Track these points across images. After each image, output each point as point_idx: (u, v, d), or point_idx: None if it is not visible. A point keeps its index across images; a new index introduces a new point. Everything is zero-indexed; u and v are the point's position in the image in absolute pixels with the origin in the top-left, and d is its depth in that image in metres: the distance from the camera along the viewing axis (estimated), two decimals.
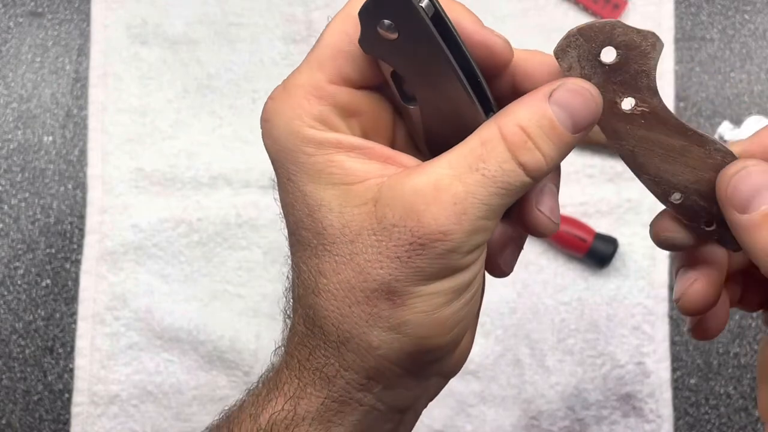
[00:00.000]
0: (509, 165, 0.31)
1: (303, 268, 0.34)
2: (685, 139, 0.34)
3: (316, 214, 0.33)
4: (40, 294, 0.70)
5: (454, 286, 0.32)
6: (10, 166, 0.72)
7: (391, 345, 0.32)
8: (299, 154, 0.33)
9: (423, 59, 0.31)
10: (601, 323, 0.69)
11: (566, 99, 0.31)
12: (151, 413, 0.69)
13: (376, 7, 0.31)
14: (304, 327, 0.34)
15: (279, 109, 0.33)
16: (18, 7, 0.74)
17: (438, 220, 0.31)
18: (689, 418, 0.69)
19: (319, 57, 0.33)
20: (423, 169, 0.32)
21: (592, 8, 0.72)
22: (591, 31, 0.32)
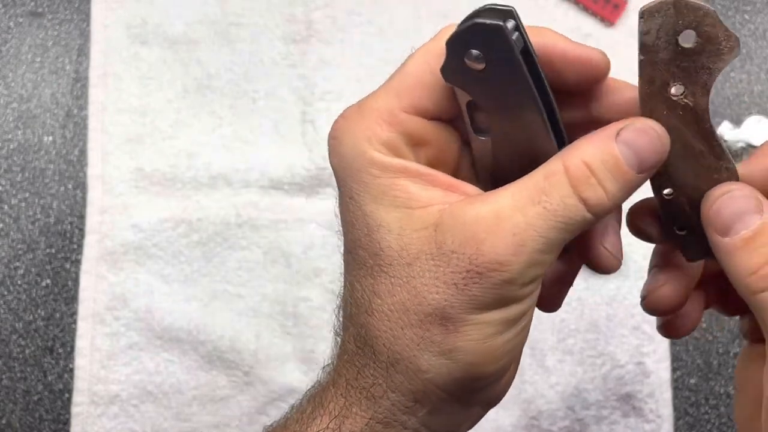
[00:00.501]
0: (571, 200, 0.31)
1: (357, 286, 0.34)
2: (707, 147, 0.34)
3: (374, 235, 0.33)
4: (40, 294, 0.70)
5: (507, 316, 0.33)
6: (10, 166, 0.72)
7: (439, 370, 0.33)
8: (364, 174, 0.33)
9: (506, 90, 0.32)
10: (601, 323, 0.69)
11: (633, 138, 0.32)
12: (151, 413, 0.69)
13: (467, 37, 0.31)
14: (355, 346, 0.34)
15: (350, 128, 0.34)
16: (18, 7, 0.74)
17: (496, 249, 0.31)
18: (689, 418, 0.69)
19: (398, 85, 0.33)
20: (485, 198, 0.32)
21: (592, 8, 0.72)
22: (685, 8, 0.31)
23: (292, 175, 0.71)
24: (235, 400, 0.69)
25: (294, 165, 0.71)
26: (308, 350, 0.69)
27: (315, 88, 0.72)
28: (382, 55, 0.72)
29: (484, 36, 0.31)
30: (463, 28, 0.31)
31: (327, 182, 0.70)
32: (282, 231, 0.70)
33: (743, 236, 0.32)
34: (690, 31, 0.32)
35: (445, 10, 0.72)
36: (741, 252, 0.32)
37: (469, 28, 0.31)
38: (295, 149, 0.71)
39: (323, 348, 0.69)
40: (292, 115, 0.72)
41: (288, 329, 0.69)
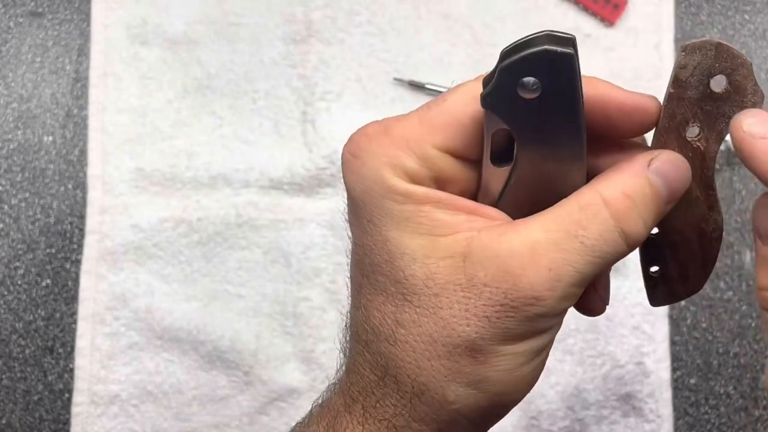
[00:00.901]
0: (611, 234, 0.31)
1: (375, 314, 0.33)
2: (703, 195, 0.34)
3: (397, 262, 0.32)
4: (40, 294, 0.70)
5: (537, 346, 0.33)
6: (10, 166, 0.72)
7: (466, 400, 0.32)
8: (387, 200, 0.32)
9: (552, 121, 0.31)
10: (601, 323, 0.69)
11: (666, 169, 0.32)
12: (151, 413, 0.69)
13: (529, 63, 0.30)
14: (372, 374, 0.34)
15: (374, 150, 0.33)
16: (18, 7, 0.74)
17: (533, 285, 0.31)
18: (689, 418, 0.69)
19: (434, 119, 0.33)
20: (517, 229, 0.31)
21: (592, 8, 0.72)
22: (725, 53, 0.32)
23: (292, 175, 0.71)
24: (235, 400, 0.69)
25: (294, 165, 0.71)
26: (308, 350, 0.69)
27: (315, 88, 0.72)
28: (382, 55, 0.72)
29: (550, 64, 0.30)
30: (529, 53, 0.30)
31: (327, 182, 0.70)
32: (282, 231, 0.70)
33: None
34: (722, 76, 0.32)
35: (445, 10, 0.72)
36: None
37: (537, 54, 0.30)
38: (295, 149, 0.71)
39: (323, 348, 0.69)
40: (292, 115, 0.72)
41: (288, 329, 0.69)
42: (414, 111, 0.34)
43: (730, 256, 0.70)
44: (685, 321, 0.69)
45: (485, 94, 0.31)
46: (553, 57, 0.29)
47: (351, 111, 0.71)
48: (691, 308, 0.69)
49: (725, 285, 0.70)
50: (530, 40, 0.30)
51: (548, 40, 0.30)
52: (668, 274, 0.36)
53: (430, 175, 0.33)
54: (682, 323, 0.69)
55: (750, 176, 0.71)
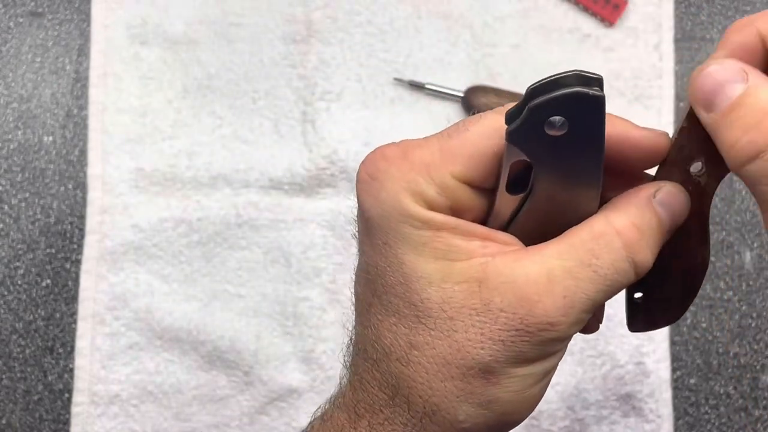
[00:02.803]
0: (622, 264, 0.32)
1: (387, 334, 0.34)
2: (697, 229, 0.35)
3: (413, 285, 0.33)
4: (40, 294, 0.70)
5: (546, 368, 0.34)
6: (11, 166, 0.72)
7: (476, 420, 0.33)
8: (404, 225, 0.33)
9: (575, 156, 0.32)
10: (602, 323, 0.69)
11: (669, 200, 0.33)
12: (151, 413, 0.69)
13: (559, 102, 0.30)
14: (381, 392, 0.34)
15: (394, 174, 0.33)
16: (18, 7, 0.74)
17: (548, 311, 0.32)
18: (689, 418, 0.69)
19: (455, 148, 0.33)
20: (532, 256, 0.32)
21: (592, 8, 0.72)
22: None
23: (292, 175, 0.71)
24: (235, 400, 0.69)
25: (294, 165, 0.71)
26: (308, 350, 0.69)
27: (315, 88, 0.72)
28: (382, 55, 0.72)
29: (579, 105, 0.31)
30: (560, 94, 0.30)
31: (327, 182, 0.71)
32: (282, 231, 0.70)
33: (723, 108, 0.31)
34: None
35: (445, 10, 0.72)
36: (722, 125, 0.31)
37: (568, 95, 0.30)
38: (295, 149, 0.71)
39: (323, 348, 0.69)
40: (292, 115, 0.72)
41: (288, 329, 0.69)
42: (434, 136, 0.34)
43: (730, 256, 0.70)
44: (685, 321, 0.69)
45: (512, 130, 0.32)
46: (584, 98, 0.30)
47: (351, 111, 0.71)
48: (691, 308, 0.69)
49: (725, 285, 0.70)
50: (559, 80, 0.31)
51: (578, 81, 0.30)
52: (651, 302, 0.38)
53: (448, 203, 0.33)
54: (682, 323, 0.69)
55: None
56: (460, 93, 0.70)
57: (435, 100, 0.71)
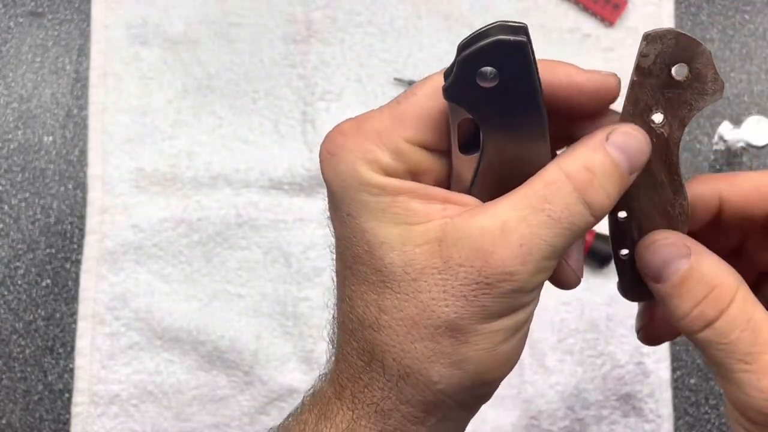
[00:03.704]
0: (576, 206, 0.32)
1: (359, 302, 0.34)
2: (669, 180, 0.35)
3: (376, 252, 0.33)
4: (40, 294, 0.70)
5: (514, 323, 0.33)
6: (11, 166, 0.72)
7: (450, 380, 0.33)
8: (363, 193, 0.33)
9: (513, 107, 0.32)
10: (601, 323, 0.69)
11: (623, 142, 0.33)
12: (151, 413, 0.69)
13: (484, 54, 0.31)
14: (359, 360, 0.35)
15: (349, 146, 0.34)
16: (18, 7, 0.74)
17: (505, 261, 0.32)
18: (689, 417, 0.69)
19: (404, 113, 0.34)
20: (486, 210, 0.33)
21: (592, 8, 0.72)
22: (685, 41, 0.33)
23: (292, 175, 0.71)
24: (235, 400, 0.69)
25: (294, 165, 0.71)
26: (308, 350, 0.69)
27: (315, 88, 0.72)
28: (382, 55, 0.72)
29: (504, 53, 0.31)
30: (483, 45, 0.31)
31: None
32: (282, 231, 0.70)
33: (673, 282, 0.34)
34: (683, 64, 0.33)
35: (445, 10, 0.72)
36: (673, 297, 0.34)
37: (491, 44, 0.31)
38: (295, 149, 0.71)
39: (323, 348, 0.69)
40: (292, 115, 0.72)
41: (288, 329, 0.69)
42: (385, 105, 0.35)
43: None
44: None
45: (446, 87, 0.32)
46: (506, 46, 0.31)
47: (351, 111, 0.71)
48: None
49: None
50: (485, 32, 0.31)
51: (501, 31, 0.31)
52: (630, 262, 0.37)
53: (404, 167, 0.34)
54: None
55: None
56: None
57: None
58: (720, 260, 0.34)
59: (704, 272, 0.33)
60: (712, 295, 0.33)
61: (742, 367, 0.33)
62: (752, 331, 0.33)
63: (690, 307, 0.33)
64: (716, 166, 0.71)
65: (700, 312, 0.33)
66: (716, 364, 0.33)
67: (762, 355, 0.32)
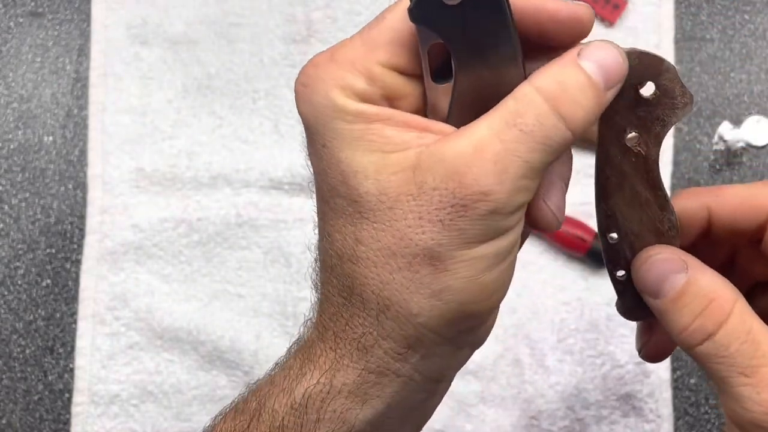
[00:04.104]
0: (548, 119, 0.31)
1: (337, 236, 0.34)
2: (653, 196, 0.35)
3: (351, 181, 0.32)
4: (40, 294, 0.70)
5: (496, 250, 0.32)
6: (11, 166, 0.72)
7: (431, 312, 0.32)
8: (338, 121, 0.32)
9: (482, 27, 0.31)
10: (601, 323, 0.69)
11: (596, 55, 0.32)
12: (151, 413, 0.69)
13: None
14: (340, 297, 0.34)
15: (322, 76, 0.33)
16: (18, 7, 0.74)
17: (479, 180, 0.30)
18: (689, 417, 0.69)
19: (376, 38, 0.33)
20: (461, 132, 0.32)
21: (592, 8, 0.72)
22: (649, 60, 0.33)
23: (292, 175, 0.71)
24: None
25: (294, 165, 0.71)
26: None
27: None
28: None
29: None
30: None
31: None
32: (282, 231, 0.70)
33: (671, 297, 0.34)
34: (650, 82, 0.33)
35: None
36: (671, 311, 0.34)
37: None
38: (295, 149, 0.71)
39: None
40: (292, 115, 0.72)
41: (288, 329, 0.69)
42: (356, 33, 0.34)
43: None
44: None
45: (411, 7, 0.31)
46: None
47: None
48: None
49: None
50: None
51: None
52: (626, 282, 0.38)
53: (380, 93, 0.33)
54: None
55: (750, 177, 0.71)
56: None
57: None
58: (716, 273, 0.34)
59: (701, 286, 0.33)
60: (710, 308, 0.33)
61: (742, 381, 0.32)
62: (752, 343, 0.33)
63: (689, 321, 0.33)
64: (716, 166, 0.71)
65: (699, 325, 0.33)
66: (716, 378, 0.33)
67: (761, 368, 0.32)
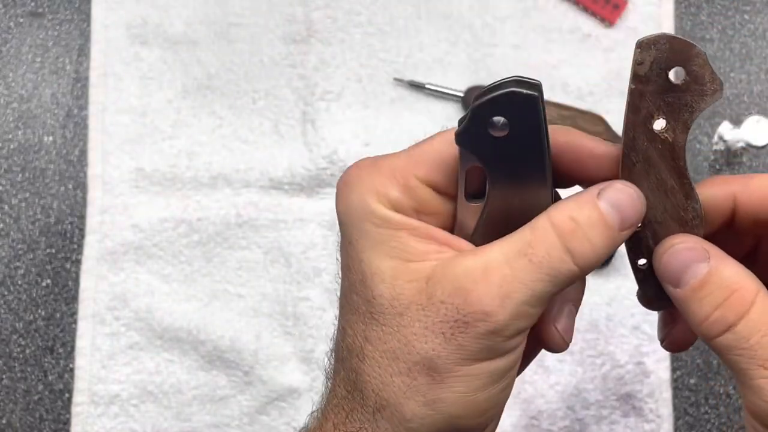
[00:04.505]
0: (557, 252, 0.32)
1: (349, 331, 0.35)
2: (678, 184, 0.35)
3: (368, 282, 0.34)
4: (40, 294, 0.70)
5: (493, 370, 0.33)
6: (11, 166, 0.72)
7: (423, 420, 0.33)
8: (367, 223, 0.34)
9: (520, 158, 0.33)
10: (601, 323, 0.69)
11: (615, 197, 0.33)
12: (151, 413, 0.69)
13: (498, 103, 0.33)
14: (344, 389, 0.35)
15: (363, 178, 0.35)
16: (18, 7, 0.74)
17: (482, 300, 0.32)
18: (689, 417, 0.69)
19: (420, 154, 0.35)
20: (475, 252, 0.33)
21: (591, 8, 0.72)
22: (679, 45, 0.33)
23: (292, 175, 0.71)
24: (235, 400, 0.69)
25: (294, 165, 0.71)
26: (308, 350, 0.69)
27: (315, 88, 0.72)
28: (382, 55, 0.72)
29: (517, 105, 0.33)
30: (498, 95, 0.33)
31: (327, 182, 0.71)
32: (282, 231, 0.70)
33: (692, 286, 0.34)
34: (680, 67, 0.33)
35: (445, 10, 0.72)
36: (692, 301, 0.34)
37: (504, 95, 0.33)
38: (295, 149, 0.71)
39: (323, 348, 0.69)
40: (292, 115, 0.72)
41: (288, 329, 0.69)
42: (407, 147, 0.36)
43: None
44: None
45: (459, 132, 0.34)
46: (519, 98, 0.32)
47: (351, 111, 0.71)
48: None
49: None
50: (501, 84, 0.33)
51: (516, 84, 0.33)
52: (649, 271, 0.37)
53: (412, 204, 0.34)
54: None
55: None
56: (460, 93, 0.70)
57: (435, 100, 0.71)
58: (738, 264, 0.34)
59: (724, 276, 0.33)
60: (732, 298, 0.33)
61: (762, 373, 0.32)
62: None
63: (709, 311, 0.33)
64: (716, 167, 0.71)
65: (719, 316, 0.33)
66: (735, 369, 0.33)
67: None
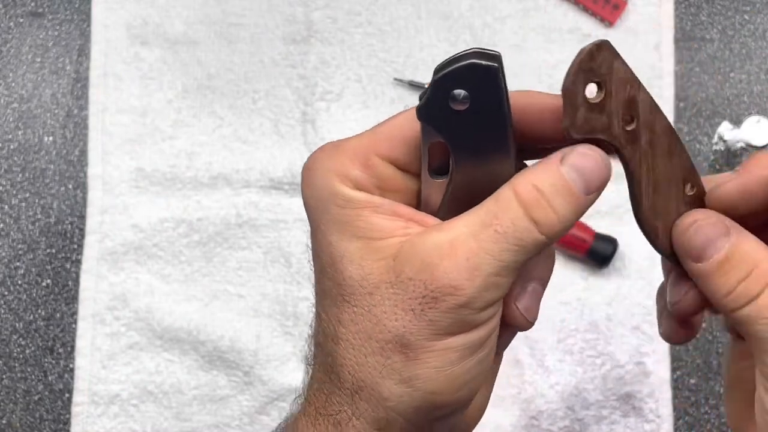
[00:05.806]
0: (522, 222, 0.32)
1: (323, 316, 0.35)
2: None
3: (338, 265, 0.34)
4: (40, 294, 0.70)
5: (467, 343, 0.33)
6: (11, 166, 0.72)
7: (400, 398, 0.33)
8: (330, 205, 0.34)
9: (482, 131, 0.33)
10: (601, 323, 0.69)
11: (578, 161, 0.33)
12: (151, 413, 0.69)
13: (457, 76, 0.32)
14: (323, 374, 0.35)
15: (325, 161, 0.35)
16: (18, 8, 0.74)
17: (450, 274, 0.32)
18: (689, 417, 0.69)
19: (381, 132, 0.35)
20: (441, 226, 0.33)
21: (591, 8, 0.72)
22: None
23: (293, 175, 0.71)
24: (235, 400, 0.69)
25: (294, 165, 0.71)
26: None
27: (315, 88, 0.72)
28: (382, 55, 0.72)
29: (476, 77, 0.32)
30: (457, 67, 0.32)
31: None
32: (282, 231, 0.70)
33: (716, 260, 0.34)
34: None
35: (445, 10, 0.72)
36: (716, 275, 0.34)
37: (464, 67, 0.32)
38: (295, 149, 0.71)
39: None
40: (292, 115, 0.72)
41: (288, 329, 0.69)
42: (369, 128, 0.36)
43: None
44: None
45: (419, 107, 0.33)
46: (479, 70, 0.32)
47: (351, 111, 0.71)
48: None
49: None
50: (460, 56, 0.32)
51: (476, 56, 0.32)
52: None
53: (374, 182, 0.34)
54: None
55: None
56: None
57: None
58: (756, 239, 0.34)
59: (746, 250, 0.34)
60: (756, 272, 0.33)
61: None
62: None
63: (734, 284, 0.34)
64: (716, 167, 0.71)
65: (744, 288, 0.33)
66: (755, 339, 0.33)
67: None
